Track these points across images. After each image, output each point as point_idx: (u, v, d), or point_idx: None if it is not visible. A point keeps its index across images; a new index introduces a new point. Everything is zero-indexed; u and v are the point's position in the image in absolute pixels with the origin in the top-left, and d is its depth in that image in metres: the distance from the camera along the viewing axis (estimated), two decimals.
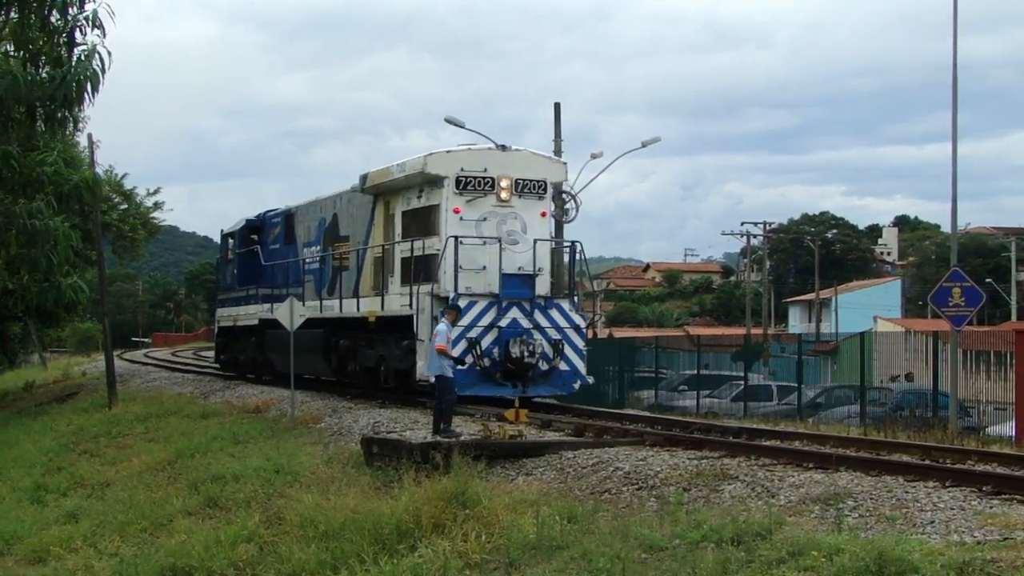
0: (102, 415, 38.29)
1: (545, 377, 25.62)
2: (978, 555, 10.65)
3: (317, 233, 34.65)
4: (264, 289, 38.20)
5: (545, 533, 14.95)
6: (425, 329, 24.83)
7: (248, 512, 20.05)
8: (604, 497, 16.66)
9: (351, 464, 21.91)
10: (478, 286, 25.46)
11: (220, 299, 45.49)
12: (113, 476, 27.56)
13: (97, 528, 21.57)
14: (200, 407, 35.74)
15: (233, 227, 42.84)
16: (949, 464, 16.56)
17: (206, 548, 18.13)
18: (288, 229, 37.48)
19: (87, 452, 32.08)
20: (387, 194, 29.28)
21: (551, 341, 25.59)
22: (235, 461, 24.76)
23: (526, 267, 25.83)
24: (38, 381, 61.77)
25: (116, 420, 36.14)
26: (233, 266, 42.53)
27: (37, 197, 19.08)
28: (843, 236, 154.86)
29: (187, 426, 31.76)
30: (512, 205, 26.06)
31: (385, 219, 29.39)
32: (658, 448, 19.37)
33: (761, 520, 13.23)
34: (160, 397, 40.62)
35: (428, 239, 26.26)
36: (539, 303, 25.78)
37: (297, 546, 16.81)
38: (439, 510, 16.43)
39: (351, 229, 31.93)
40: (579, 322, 26.51)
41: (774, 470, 16.65)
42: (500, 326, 25.06)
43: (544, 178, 26.75)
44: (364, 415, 27.29)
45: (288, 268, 36.16)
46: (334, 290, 32.36)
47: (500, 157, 26.38)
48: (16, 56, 13.58)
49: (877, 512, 13.57)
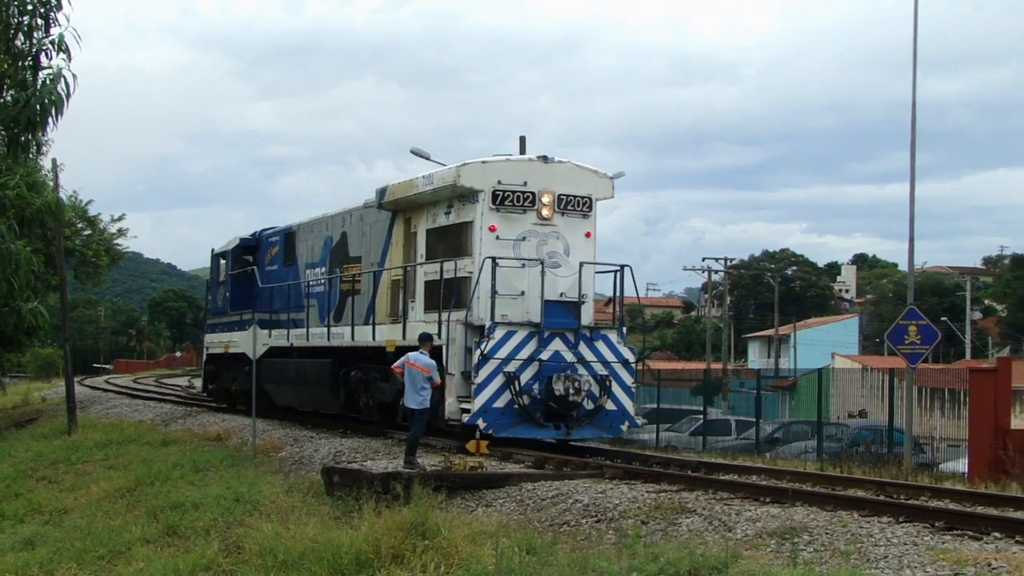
0: (61, 441, 38.12)
1: (590, 418, 22.57)
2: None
3: (322, 253, 31.29)
4: (261, 314, 34.27)
5: (504, 565, 14.93)
6: (455, 361, 22.25)
7: (207, 541, 19.98)
8: (563, 529, 16.67)
9: (311, 493, 21.87)
10: (515, 314, 22.48)
11: (210, 323, 41.58)
12: (71, 503, 27.42)
13: (54, 555, 21.46)
14: (161, 435, 35.64)
15: (226, 246, 39.33)
16: (903, 500, 16.64)
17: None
18: (288, 249, 34.13)
19: (45, 478, 31.91)
20: (408, 210, 26.11)
21: (597, 377, 22.52)
22: (195, 489, 24.74)
23: (569, 293, 22.94)
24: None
25: (75, 447, 35.91)
26: (225, 288, 38.93)
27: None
28: (803, 273, 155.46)
29: (147, 453, 31.64)
30: (554, 223, 23.02)
31: (405, 238, 26.20)
32: (617, 481, 19.37)
33: (718, 554, 13.27)
34: (120, 424, 40.51)
35: (460, 260, 23.15)
36: (584, 334, 22.77)
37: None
38: (399, 540, 16.43)
39: (363, 249, 28.57)
40: (627, 356, 23.36)
41: (731, 504, 16.70)
42: (541, 359, 22.03)
43: (589, 194, 23.59)
44: (325, 444, 27.22)
45: (288, 291, 33.02)
46: (342, 316, 28.94)
47: (542, 169, 23.08)
48: None
49: (832, 547, 13.62)
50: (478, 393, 21.53)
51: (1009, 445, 25.15)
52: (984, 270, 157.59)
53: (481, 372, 21.45)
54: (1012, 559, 12.10)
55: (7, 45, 13.67)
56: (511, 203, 22.49)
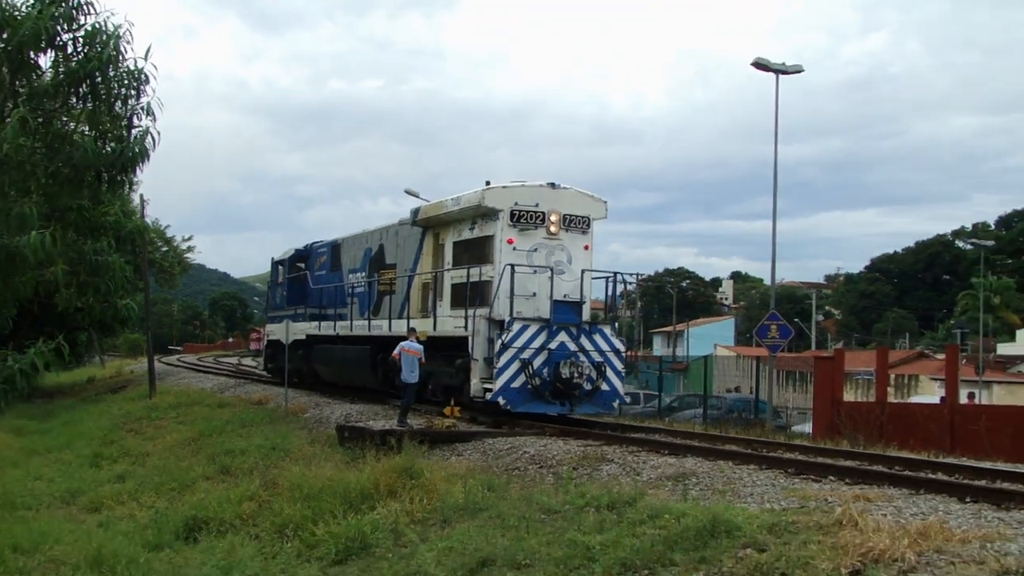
0: (144, 403, 37.97)
1: (589, 397, 21.51)
2: (783, 518, 10.77)
3: (363, 261, 29.88)
4: (312, 309, 33.60)
5: (470, 498, 14.95)
6: (480, 349, 21.17)
7: (251, 478, 20.00)
8: (515, 473, 16.68)
9: (328, 444, 21.86)
10: (528, 311, 21.29)
11: (270, 316, 40.16)
12: (151, 449, 27.37)
13: (139, 487, 21.40)
14: (217, 399, 35.54)
15: (283, 255, 37.97)
16: (765, 453, 16.72)
17: (219, 504, 18.04)
18: (334, 257, 32.58)
19: (132, 430, 31.82)
20: (437, 226, 24.75)
21: (594, 364, 21.52)
22: (242, 440, 24.72)
23: (571, 295, 21.88)
24: (98, 377, 61.10)
25: (154, 407, 35.86)
26: (283, 289, 37.65)
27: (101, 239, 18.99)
28: (694, 285, 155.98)
29: (207, 413, 31.60)
30: (559, 238, 22.03)
31: (434, 249, 24.91)
32: (555, 438, 19.34)
33: (629, 492, 13.32)
34: (187, 391, 40.33)
35: (483, 267, 22.00)
36: (584, 328, 21.73)
37: (287, 504, 16.71)
38: (393, 480, 16.45)
39: (397, 257, 27.22)
40: (619, 346, 22.33)
41: (639, 455, 16.72)
42: (550, 348, 21.00)
43: (588, 214, 22.56)
44: (338, 408, 27.14)
45: (334, 291, 31.25)
46: (379, 311, 27.61)
47: (550, 194, 22.10)
48: (89, 134, 13.49)
49: (713, 487, 13.68)
50: (499, 375, 20.59)
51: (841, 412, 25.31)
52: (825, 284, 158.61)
53: (502, 358, 20.52)
54: (842, 495, 12.17)
55: (109, 109, 13.62)
56: (525, 221, 21.63)
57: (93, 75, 13.31)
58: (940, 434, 22.09)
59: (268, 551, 14.84)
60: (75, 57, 13.35)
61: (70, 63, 13.34)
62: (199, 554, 15.12)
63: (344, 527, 14.66)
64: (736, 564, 9.62)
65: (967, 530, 9.77)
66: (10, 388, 9.10)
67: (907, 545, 9.02)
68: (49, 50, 13.37)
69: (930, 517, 10.38)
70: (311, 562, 13.95)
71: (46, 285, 15.03)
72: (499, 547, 12.10)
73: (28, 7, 13.07)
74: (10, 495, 19.73)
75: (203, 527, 16.92)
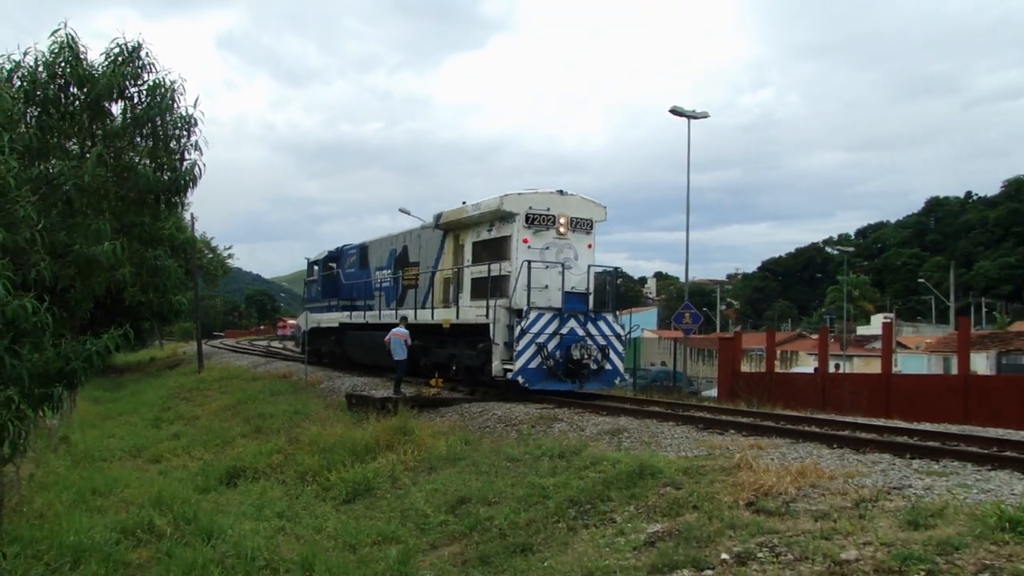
0: (194, 377, 37.84)
1: (595, 375, 20.01)
2: (695, 463, 10.85)
3: (388, 260, 28.13)
4: (344, 301, 31.55)
5: (451, 450, 14.97)
6: (500, 335, 19.72)
7: (278, 435, 19.92)
8: (486, 430, 16.68)
9: (339, 409, 21.77)
10: (541, 301, 19.84)
11: (306, 307, 37.03)
12: (200, 413, 27.26)
13: (190, 443, 21.32)
14: (252, 374, 35.34)
15: (317, 256, 35.95)
16: (681, 412, 16.79)
17: (254, 456, 18.03)
18: (362, 257, 30.65)
19: (185, 399, 31.67)
20: (457, 229, 23.04)
21: (599, 347, 20.02)
22: (271, 405, 24.64)
23: (578, 287, 20.39)
24: (157, 357, 60.87)
25: (202, 380, 35.73)
26: (317, 284, 35.59)
27: (159, 248, 18.90)
28: (626, 283, 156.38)
29: (244, 385, 31.45)
30: (568, 238, 20.52)
31: (455, 248, 23.21)
32: (517, 402, 19.31)
33: (575, 444, 13.37)
34: (228, 367, 40.20)
35: (502, 263, 20.45)
36: (591, 315, 20.21)
37: (307, 456, 16.68)
38: (390, 436, 16.45)
39: (420, 256, 25.46)
40: (619, 331, 20.80)
41: (583, 415, 16.74)
42: (561, 333, 19.60)
43: (591, 217, 21.00)
44: (347, 381, 27.00)
45: (364, 286, 29.57)
46: (403, 303, 25.97)
47: (559, 199, 20.65)
48: (150, 166, 13.45)
49: (641, 439, 13.73)
50: (518, 357, 19.17)
51: (739, 381, 25.46)
52: (727, 281, 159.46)
53: (521, 342, 19.13)
54: (741, 444, 12.27)
55: (166, 146, 13.59)
56: (538, 223, 20.23)
57: (154, 120, 13.27)
58: (814, 396, 22.29)
59: (292, 493, 14.84)
60: (139, 106, 13.31)
61: (136, 111, 13.30)
62: (238, 495, 15.10)
63: (352, 474, 14.68)
64: (659, 499, 9.69)
65: (834, 469, 9.90)
66: (88, 366, 9.02)
67: (789, 482, 9.13)
68: (119, 100, 13.31)
69: (807, 460, 10.49)
70: (326, 501, 13.94)
71: (116, 284, 14.95)
72: (474, 488, 12.14)
73: (103, 67, 13.02)
74: (90, 450, 19.61)
75: (241, 475, 16.88)
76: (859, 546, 7.05)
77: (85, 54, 13.10)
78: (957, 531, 7.02)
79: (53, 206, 11.41)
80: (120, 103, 13.41)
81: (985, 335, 57.08)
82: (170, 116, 13.40)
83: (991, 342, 52.97)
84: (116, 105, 13.47)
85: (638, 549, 8.31)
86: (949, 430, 14.12)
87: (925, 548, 6.73)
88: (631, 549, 8.36)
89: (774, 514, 8.35)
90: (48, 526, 10.90)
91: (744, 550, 7.49)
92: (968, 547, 6.66)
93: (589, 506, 10.11)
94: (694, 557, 7.60)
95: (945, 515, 7.56)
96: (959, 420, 17.38)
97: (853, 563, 6.77)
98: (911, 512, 7.73)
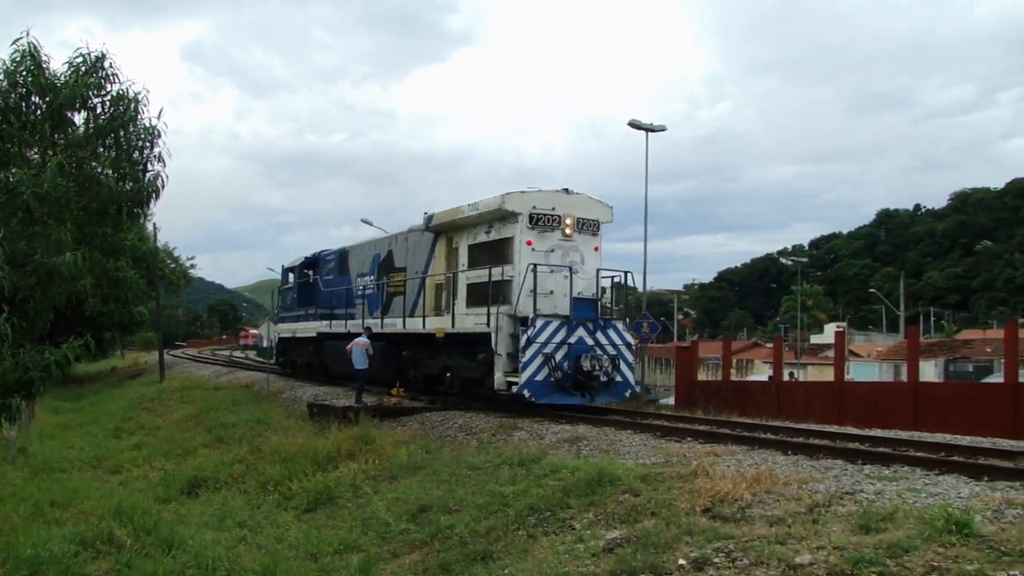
0: (156, 387, 37.38)
1: (606, 387, 18.20)
2: (653, 470, 10.88)
3: (371, 266, 25.74)
4: (322, 309, 29.17)
5: (413, 459, 14.92)
6: (503, 345, 17.87)
7: (240, 445, 19.73)
8: (447, 439, 16.63)
9: (301, 418, 21.59)
10: (546, 308, 17.99)
11: (280, 316, 34.83)
12: (161, 423, 26.91)
13: (151, 454, 21.02)
14: (214, 384, 35.00)
15: (293, 263, 33.29)
16: (639, 420, 16.79)
17: (215, 466, 17.80)
18: (342, 263, 28.34)
19: (147, 409, 31.26)
20: (450, 231, 21.09)
21: (609, 357, 18.22)
22: (233, 415, 24.37)
23: (585, 292, 18.55)
24: (119, 366, 60.19)
25: (164, 390, 35.25)
26: (293, 292, 32.85)
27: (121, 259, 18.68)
28: None
29: (206, 395, 31.12)
30: (573, 240, 18.73)
31: (447, 252, 21.23)
32: (478, 412, 19.24)
33: (535, 452, 13.36)
34: (190, 377, 39.74)
35: (504, 267, 18.58)
36: (600, 323, 18.40)
37: (268, 465, 16.53)
38: (352, 446, 16.34)
39: (407, 261, 23.26)
40: (629, 340, 18.96)
41: (543, 424, 16.71)
42: (570, 343, 17.79)
43: (597, 218, 19.22)
44: (309, 390, 26.80)
45: (344, 294, 27.16)
46: (389, 311, 23.80)
47: (565, 199, 18.85)
48: (112, 176, 13.34)
49: (600, 447, 13.74)
50: (524, 369, 17.36)
51: (696, 389, 25.61)
52: (684, 291, 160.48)
53: (527, 352, 17.35)
54: (698, 451, 12.34)
55: (129, 157, 13.48)
56: (543, 223, 18.41)
57: (117, 130, 13.18)
58: (769, 404, 22.45)
59: (254, 502, 14.69)
60: (103, 116, 13.21)
61: (99, 121, 13.19)
62: (199, 505, 14.91)
63: (314, 483, 14.57)
64: (617, 506, 9.72)
65: (789, 475, 9.99)
66: (47, 376, 8.92)
67: (745, 488, 9.20)
68: (82, 110, 13.20)
69: (762, 466, 10.57)
70: (288, 511, 13.82)
71: (77, 295, 14.75)
72: (435, 497, 12.10)
73: (66, 77, 12.89)
74: (49, 461, 19.26)
75: (202, 485, 16.67)
76: (812, 550, 7.13)
77: (48, 63, 12.98)
78: (907, 534, 7.12)
79: (13, 215, 11.27)
80: (83, 113, 13.30)
81: (933, 343, 58.11)
82: (134, 127, 13.32)
83: (939, 350, 53.95)
84: (79, 115, 13.36)
85: (597, 556, 8.33)
86: (899, 436, 14.30)
87: (876, 551, 6.82)
88: (590, 556, 8.38)
89: (730, 520, 8.40)
90: (4, 539, 10.67)
91: (701, 555, 7.54)
92: (917, 549, 6.75)
93: (549, 513, 10.10)
94: (652, 563, 7.63)
95: (895, 519, 7.66)
96: (909, 426, 17.60)
97: (807, 567, 6.83)
98: (863, 516, 7.82)
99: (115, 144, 13.38)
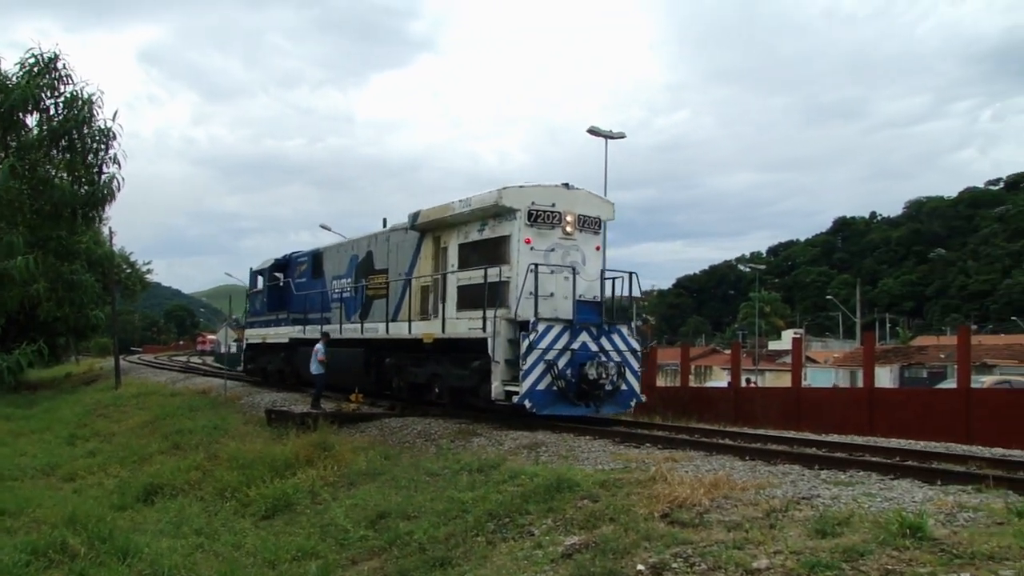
0: (112, 393, 36.85)
1: (611, 396, 16.85)
2: (611, 476, 10.91)
3: (348, 267, 24.04)
4: (295, 314, 27.24)
5: (371, 465, 14.85)
6: (501, 352, 16.38)
7: (197, 451, 19.49)
8: (405, 445, 16.57)
9: (259, 424, 21.41)
10: (546, 311, 16.52)
11: (249, 321, 32.85)
12: (117, 430, 26.53)
13: (106, 460, 20.75)
14: (170, 390, 34.52)
15: (262, 266, 31.11)
16: (598, 427, 16.77)
17: (172, 472, 17.62)
18: (315, 266, 26.52)
19: (102, 415, 30.78)
20: (438, 230, 19.50)
21: (615, 364, 16.85)
22: (190, 421, 24.14)
23: (587, 295, 17.30)
24: (73, 372, 59.10)
25: (120, 396, 34.78)
26: (262, 296, 30.54)
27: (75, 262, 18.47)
28: None
29: (162, 401, 30.72)
30: (574, 238, 17.31)
31: (435, 252, 19.63)
32: (437, 417, 19.17)
33: (494, 458, 13.34)
34: (146, 383, 39.25)
35: (501, 267, 17.05)
36: (604, 328, 16.99)
37: (226, 472, 16.36)
38: (310, 452, 16.23)
39: (389, 262, 21.64)
40: (635, 346, 17.44)
41: (502, 430, 16.61)
42: (573, 349, 16.38)
43: (599, 215, 17.92)
44: (267, 396, 26.56)
45: (318, 297, 25.45)
46: (367, 315, 22.20)
47: (565, 194, 17.36)
48: (67, 179, 13.14)
49: (559, 453, 13.72)
50: (525, 377, 16.03)
51: (655, 395, 25.64)
52: (643, 297, 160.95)
53: (528, 359, 15.97)
54: (656, 457, 12.37)
55: (83, 159, 13.29)
56: (542, 221, 16.98)
57: (71, 132, 12.98)
58: (728, 410, 22.59)
59: (211, 509, 14.54)
60: (56, 118, 13.01)
61: (52, 123, 12.99)
62: (156, 513, 14.74)
63: (271, 489, 14.45)
64: (576, 512, 9.72)
65: (746, 481, 10.06)
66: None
67: (703, 493, 9.24)
68: (35, 112, 12.99)
69: (720, 472, 10.65)
70: (245, 517, 13.69)
71: (30, 299, 14.54)
72: (394, 503, 12.04)
73: (18, 77, 12.68)
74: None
75: (159, 492, 16.47)
76: (770, 555, 7.18)
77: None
78: (862, 538, 7.20)
79: None
80: (35, 115, 13.09)
81: (889, 350, 58.92)
82: (88, 129, 13.12)
83: (894, 356, 54.70)
84: (31, 117, 13.15)
85: (556, 561, 8.33)
86: (855, 441, 14.48)
87: (832, 555, 6.89)
88: (549, 562, 8.38)
89: (688, 525, 8.45)
90: None
91: (659, 561, 7.56)
92: (872, 553, 6.83)
93: (507, 520, 10.09)
94: (610, 568, 7.64)
95: (851, 523, 7.75)
96: (864, 431, 17.81)
97: (764, 571, 6.89)
98: (819, 521, 7.90)
99: (69, 146, 13.19)
